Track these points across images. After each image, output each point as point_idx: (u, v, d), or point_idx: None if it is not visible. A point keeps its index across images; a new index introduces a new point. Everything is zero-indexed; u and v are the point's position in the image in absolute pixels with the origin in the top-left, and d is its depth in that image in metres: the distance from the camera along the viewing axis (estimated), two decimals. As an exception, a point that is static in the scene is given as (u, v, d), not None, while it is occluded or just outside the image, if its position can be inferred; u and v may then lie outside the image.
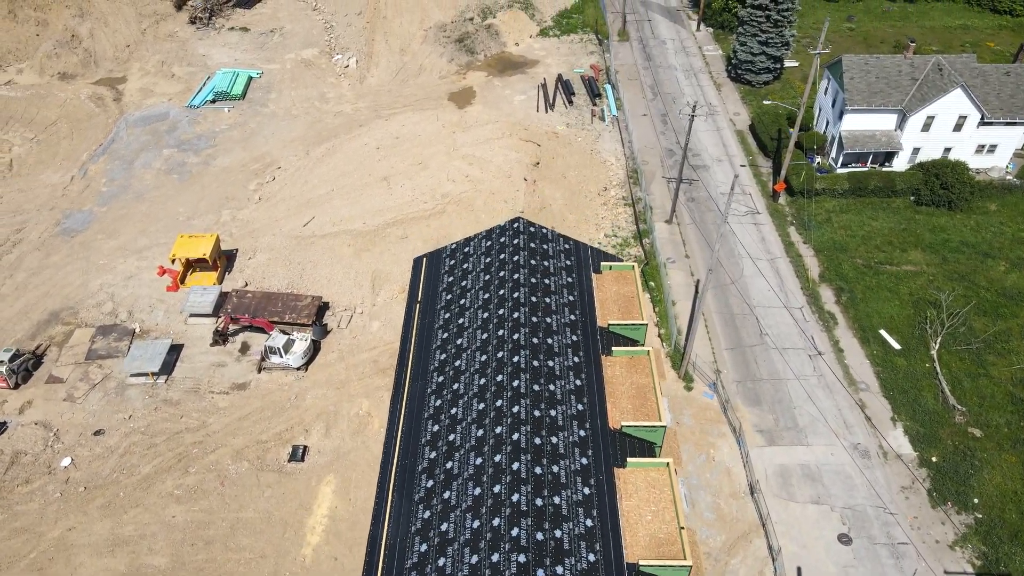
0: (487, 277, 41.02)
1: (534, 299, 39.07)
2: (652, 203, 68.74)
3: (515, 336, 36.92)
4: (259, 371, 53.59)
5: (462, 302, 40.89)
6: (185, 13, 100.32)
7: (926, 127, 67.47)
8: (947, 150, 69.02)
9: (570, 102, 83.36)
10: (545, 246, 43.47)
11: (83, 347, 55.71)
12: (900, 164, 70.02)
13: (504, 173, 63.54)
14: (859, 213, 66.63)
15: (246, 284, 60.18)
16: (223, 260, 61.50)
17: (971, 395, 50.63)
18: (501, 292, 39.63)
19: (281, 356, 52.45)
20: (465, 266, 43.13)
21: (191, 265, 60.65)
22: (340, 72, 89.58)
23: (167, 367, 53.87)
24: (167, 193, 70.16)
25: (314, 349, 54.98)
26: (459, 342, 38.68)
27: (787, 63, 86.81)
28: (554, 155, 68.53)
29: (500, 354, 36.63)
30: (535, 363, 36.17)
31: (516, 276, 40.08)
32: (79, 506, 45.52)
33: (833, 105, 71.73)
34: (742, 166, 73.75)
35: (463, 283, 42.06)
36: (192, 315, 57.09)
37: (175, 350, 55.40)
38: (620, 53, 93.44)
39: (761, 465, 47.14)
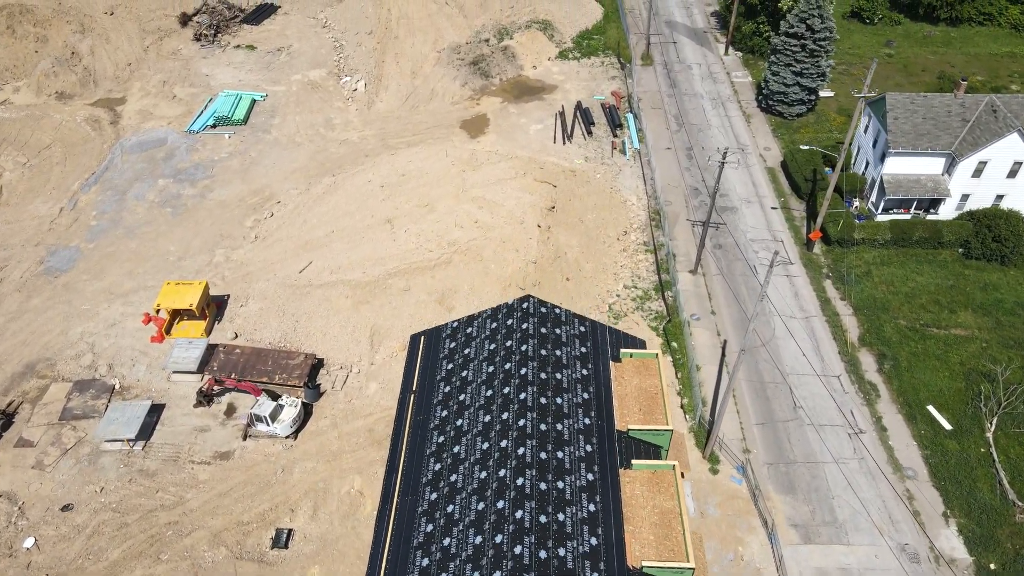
0: (491, 368, 36.34)
1: (543, 400, 34.33)
2: (675, 250, 63.74)
3: (520, 451, 32.22)
4: (244, 438, 49.23)
5: (461, 398, 36.22)
6: (190, 29, 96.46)
7: (977, 173, 61.97)
8: (999, 198, 63.45)
9: (589, 133, 78.50)
10: (558, 330, 38.66)
11: (58, 405, 51.61)
12: (946, 212, 64.52)
13: (516, 218, 58.82)
14: (902, 266, 61.23)
15: (236, 336, 55.89)
16: (212, 308, 57.27)
17: (1033, 488, 45.31)
18: (506, 391, 34.94)
19: (268, 425, 48.06)
20: (467, 351, 38.47)
21: (178, 313, 56.45)
22: (348, 96, 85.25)
23: (146, 430, 49.63)
24: (159, 229, 66.08)
25: (305, 413, 50.56)
26: (455, 450, 34.03)
27: (822, 93, 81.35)
28: (571, 196, 63.72)
29: (502, 472, 31.93)
30: (542, 487, 31.41)
31: (524, 371, 35.32)
32: (39, 596, 41.37)
33: (874, 145, 66.33)
34: (773, 208, 68.54)
35: (463, 373, 37.39)
36: (176, 372, 52.85)
37: (156, 410, 51.19)
38: (643, 79, 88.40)
39: (796, 568, 42.04)
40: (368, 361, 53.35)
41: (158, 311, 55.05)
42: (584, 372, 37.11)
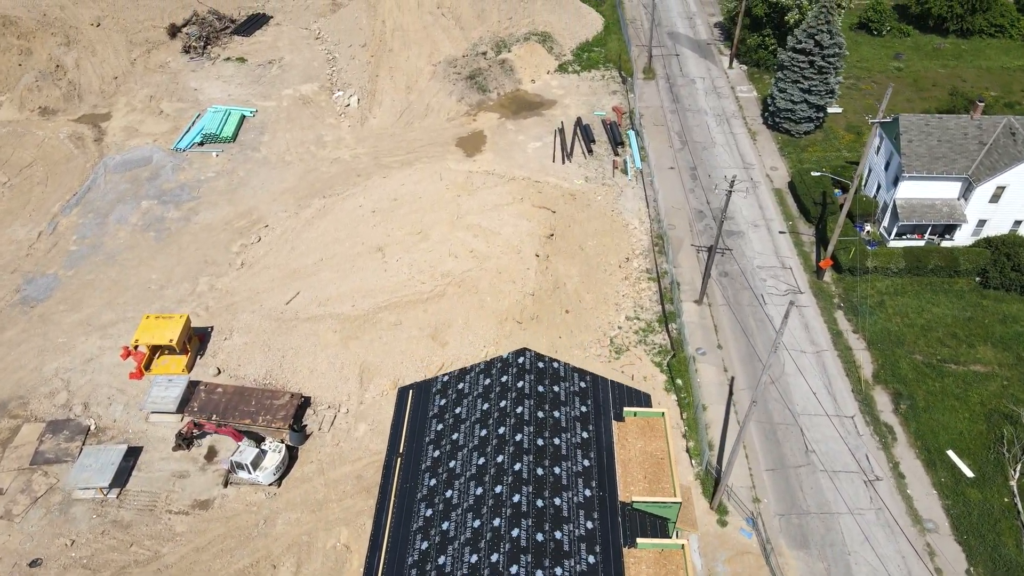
0: (483, 432, 33.64)
1: (540, 471, 31.60)
2: (680, 277, 61.04)
3: (514, 532, 29.47)
4: (225, 485, 46.54)
5: (451, 464, 33.49)
6: (179, 41, 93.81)
7: (995, 198, 59.34)
8: (1017, 223, 60.81)
9: (589, 151, 75.83)
10: (556, 388, 35.97)
11: (29, 448, 48.92)
12: (962, 238, 61.88)
13: (513, 247, 56.12)
14: (917, 296, 58.54)
15: (219, 372, 53.18)
16: (195, 341, 54.57)
17: (1061, 544, 42.65)
18: (499, 459, 32.25)
19: (250, 473, 45.34)
20: (458, 410, 35.77)
21: (158, 348, 53.73)
22: (340, 111, 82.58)
23: (121, 476, 46.92)
24: (141, 255, 63.37)
25: (290, 457, 47.87)
26: (444, 526, 31.26)
27: (830, 109, 78.64)
28: (571, 222, 61.04)
29: (495, 557, 29.15)
30: (539, 574, 28.64)
31: (519, 437, 32.63)
32: (1, 664, 38.70)
33: (886, 168, 63.67)
34: (781, 232, 65.84)
35: (453, 436, 34.68)
36: (154, 412, 50.14)
37: (133, 453, 48.50)
38: (645, 93, 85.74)
39: (811, 633, 39.38)
40: (357, 400, 50.65)
41: (136, 346, 52.33)
42: (584, 435, 34.40)
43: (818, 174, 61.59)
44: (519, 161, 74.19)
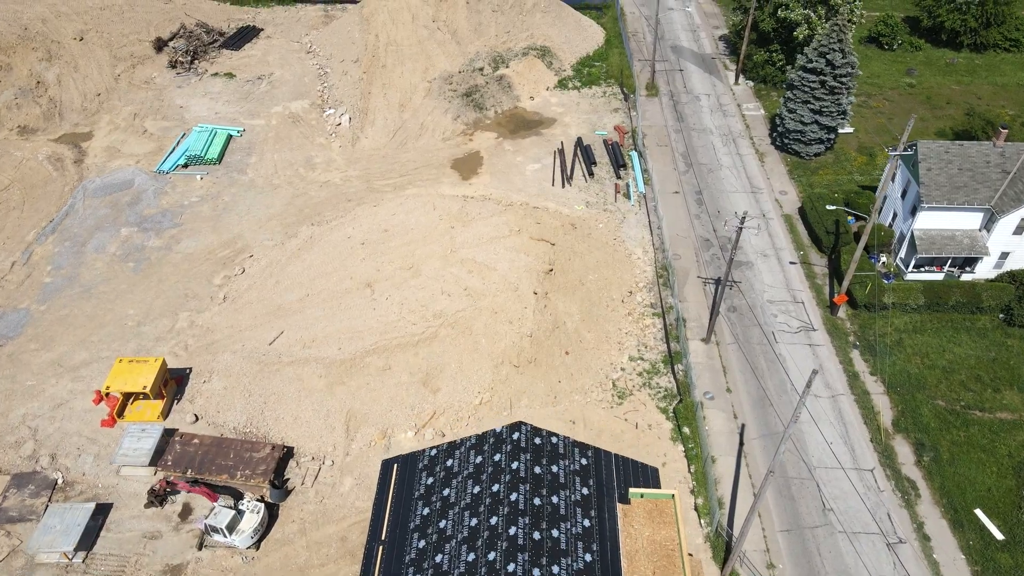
0: (474, 522, 30.47)
1: (537, 572, 28.36)
2: (686, 313, 57.86)
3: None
4: (200, 547, 43.29)
5: (438, 559, 30.26)
6: (165, 56, 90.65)
7: (1019, 230, 56.20)
8: (1043, 256, 57.69)
9: (590, 173, 72.64)
10: (555, 468, 32.81)
11: (-8, 504, 45.70)
12: (983, 271, 58.73)
13: (510, 284, 52.91)
14: (937, 334, 55.36)
15: (196, 419, 49.97)
16: (172, 385, 51.35)
17: (1102, 617, 39.49)
18: (491, 556, 29.06)
19: (225, 536, 42.13)
20: (446, 492, 32.62)
21: (133, 393, 50.50)
22: (331, 131, 79.39)
23: (89, 537, 43.65)
24: (118, 288, 60.17)
25: (270, 516, 44.64)
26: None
27: (841, 130, 75.47)
28: (571, 254, 57.84)
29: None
30: None
31: (513, 531, 29.48)
32: None
33: (903, 196, 60.51)
34: (791, 263, 62.66)
35: (441, 524, 31.51)
36: (126, 465, 46.92)
37: (102, 511, 45.26)
38: (648, 111, 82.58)
39: None
40: (343, 451, 47.44)
41: (107, 393, 49.09)
42: (586, 523, 31.23)
43: (832, 207, 58.29)
44: (517, 185, 71.05)
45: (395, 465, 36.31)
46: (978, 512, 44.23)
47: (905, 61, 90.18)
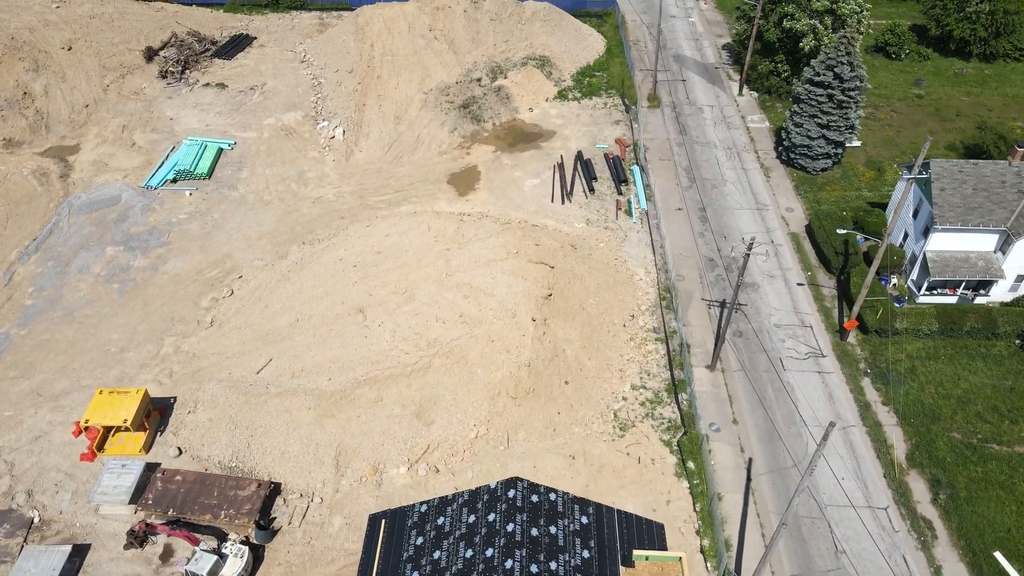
0: (465, 591, 28.47)
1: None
2: (690, 337, 55.81)
3: None
4: (181, 593, 41.27)
5: (427, 633, 28.35)
6: (155, 65, 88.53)
7: (1036, 253, 54.13)
8: (1060, 279, 55.64)
9: (591, 189, 70.55)
10: (553, 529, 30.80)
11: (-36, 545, 43.65)
12: (998, 294, 56.67)
13: (508, 311, 50.84)
14: (951, 361, 53.28)
15: (180, 452, 47.89)
16: (155, 415, 49.27)
17: None
18: (484, 631, 27.10)
19: (206, 583, 40.07)
20: (436, 555, 30.60)
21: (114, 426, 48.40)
22: (324, 144, 77.32)
23: (65, 581, 41.67)
24: (102, 311, 58.10)
25: (255, 558, 42.58)
26: None
27: (849, 144, 73.36)
28: (571, 277, 55.77)
29: None
30: None
31: (507, 603, 27.48)
32: None
33: (915, 216, 58.46)
34: (799, 285, 60.57)
35: (431, 590, 29.55)
36: (105, 504, 44.83)
37: (79, 552, 43.21)
38: (650, 123, 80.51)
39: None
40: (332, 488, 45.34)
41: (87, 427, 47.01)
42: (587, 592, 29.20)
43: (844, 231, 56.14)
44: (515, 201, 68.98)
45: (383, 521, 34.28)
46: (998, 555, 42.18)
47: (913, 71, 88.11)
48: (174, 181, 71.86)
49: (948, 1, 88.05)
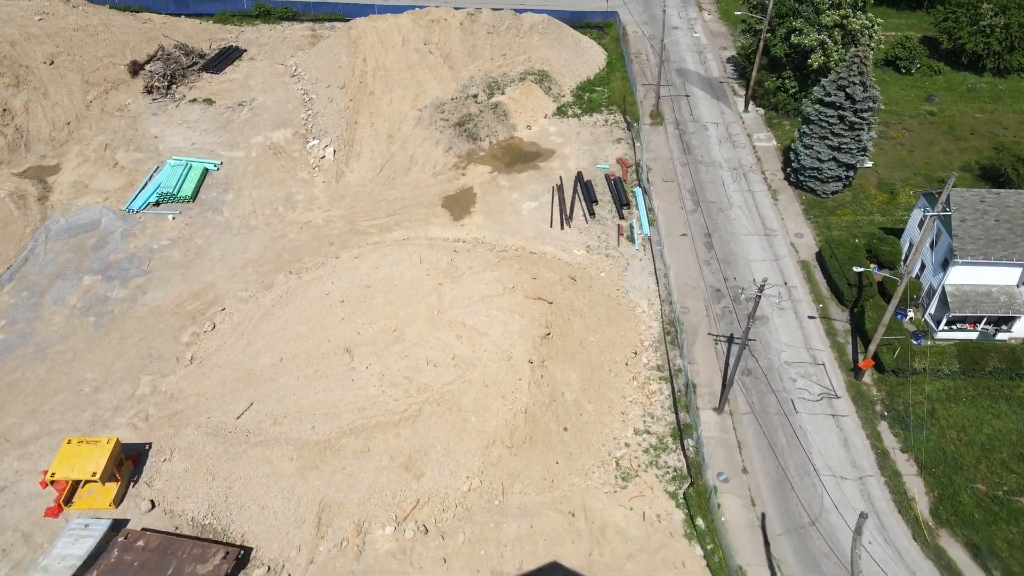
0: None
1: None
2: (696, 376, 52.84)
3: None
4: (149, 667, 38.25)
5: None
6: (141, 80, 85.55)
7: (1062, 288, 51.23)
8: (1087, 316, 52.68)
9: (591, 213, 67.58)
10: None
11: (-81, 611, 40.68)
12: (1021, 329, 53.73)
13: (503, 352, 47.86)
14: (973, 404, 50.33)
15: (152, 506, 44.86)
16: (128, 465, 46.23)
17: None
18: None
19: (175, 660, 37.08)
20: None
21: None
22: (314, 164, 74.34)
23: (25, 652, 38.70)
24: (76, 347, 55.12)
25: (229, 629, 39.59)
26: None
27: (860, 166, 70.34)
28: (570, 313, 52.81)
29: None
30: None
31: None
32: None
33: (932, 246, 55.49)
34: (811, 318, 57.62)
35: None
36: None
37: (40, 620, 40.23)
38: (653, 141, 77.57)
39: None
40: (307, 558, 41.94)
41: (52, 480, 44.01)
42: None
43: (860, 270, 53.11)
44: (512, 226, 66.03)
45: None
46: (1030, 625, 39.18)
47: (924, 86, 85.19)
48: (156, 204, 68.89)
49: (961, 14, 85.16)
